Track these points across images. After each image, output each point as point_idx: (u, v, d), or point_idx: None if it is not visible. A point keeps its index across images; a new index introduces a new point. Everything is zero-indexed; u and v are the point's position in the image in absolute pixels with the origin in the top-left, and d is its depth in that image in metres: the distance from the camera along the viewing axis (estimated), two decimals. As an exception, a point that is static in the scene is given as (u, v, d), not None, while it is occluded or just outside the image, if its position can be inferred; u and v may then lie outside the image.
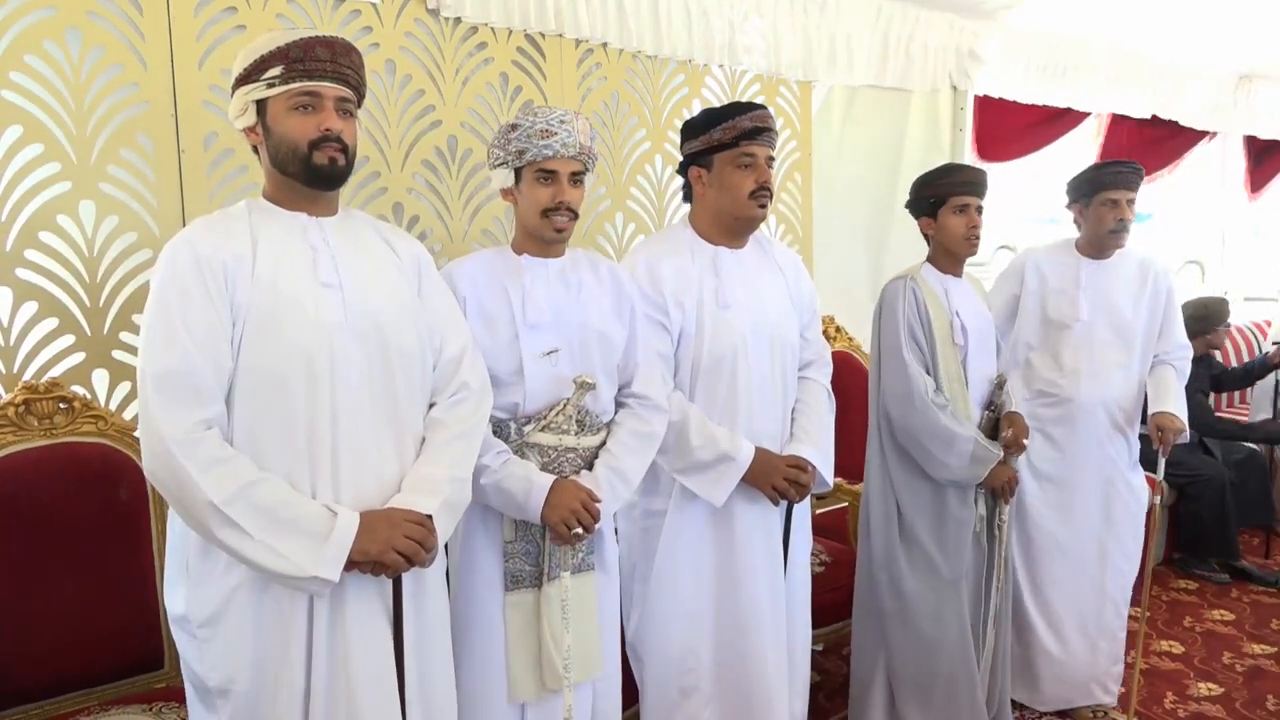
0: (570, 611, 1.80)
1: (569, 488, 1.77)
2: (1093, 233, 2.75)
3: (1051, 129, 4.39)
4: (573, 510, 1.75)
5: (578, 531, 1.75)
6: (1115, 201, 2.67)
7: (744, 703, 2.12)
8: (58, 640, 1.93)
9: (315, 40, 1.52)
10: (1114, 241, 2.73)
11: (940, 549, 2.37)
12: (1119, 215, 2.68)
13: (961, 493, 2.39)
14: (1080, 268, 2.77)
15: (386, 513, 1.51)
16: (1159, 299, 2.80)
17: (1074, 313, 2.74)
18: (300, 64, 1.50)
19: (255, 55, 1.52)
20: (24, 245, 1.99)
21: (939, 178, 2.44)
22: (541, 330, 1.83)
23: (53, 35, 1.98)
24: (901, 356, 2.34)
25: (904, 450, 2.39)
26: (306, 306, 1.51)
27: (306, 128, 1.52)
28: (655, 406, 1.96)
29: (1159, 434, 2.69)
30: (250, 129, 1.57)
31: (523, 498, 1.75)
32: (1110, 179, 2.68)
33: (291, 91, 1.51)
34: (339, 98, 1.55)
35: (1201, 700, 3.05)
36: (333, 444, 1.51)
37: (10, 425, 1.96)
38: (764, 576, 2.13)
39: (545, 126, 1.78)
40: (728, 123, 2.05)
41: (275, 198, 1.60)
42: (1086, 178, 2.73)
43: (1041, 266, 2.82)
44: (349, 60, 1.56)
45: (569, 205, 1.81)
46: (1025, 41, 3.97)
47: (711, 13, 3.00)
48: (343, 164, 1.56)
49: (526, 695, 1.82)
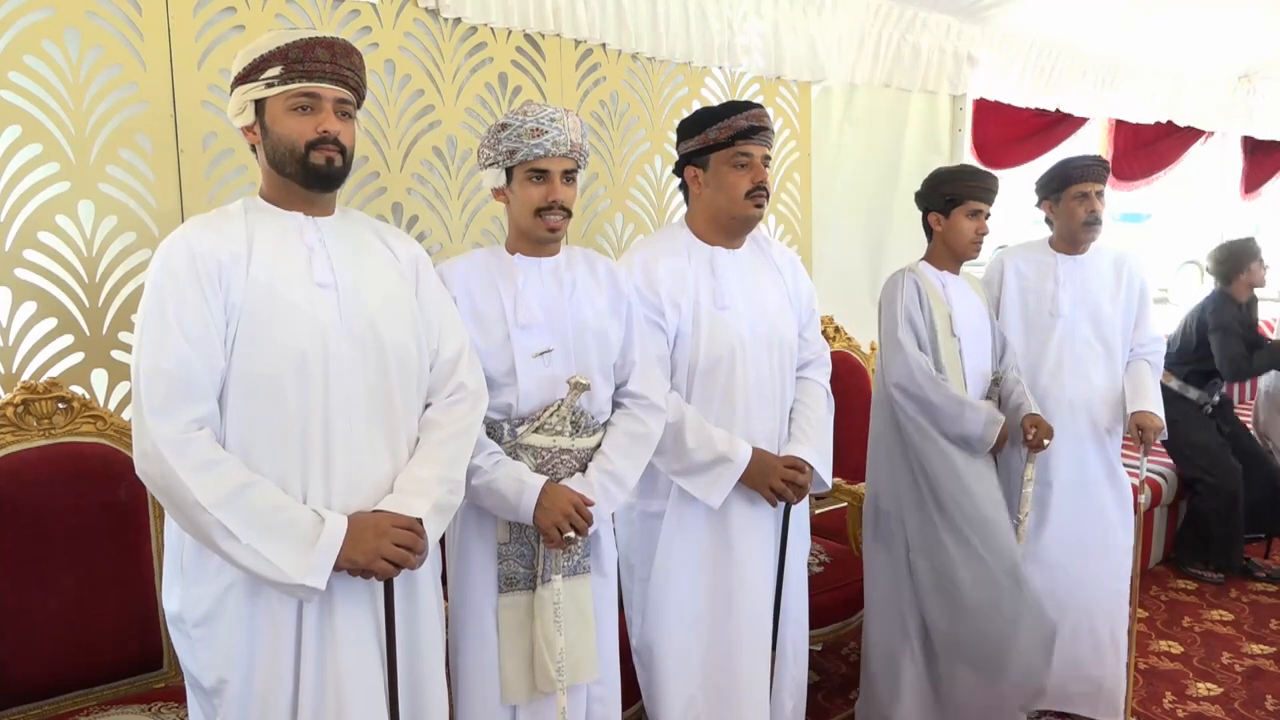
0: (563, 615, 1.79)
1: (561, 491, 1.76)
2: (1065, 227, 2.77)
3: (1053, 135, 4.38)
4: (565, 514, 1.73)
5: (569, 535, 1.74)
6: (1085, 194, 2.70)
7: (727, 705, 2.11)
8: (56, 640, 1.93)
9: (315, 41, 1.52)
10: (1088, 234, 2.75)
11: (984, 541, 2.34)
12: (1089, 208, 2.71)
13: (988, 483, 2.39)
14: (1058, 265, 2.79)
15: (374, 519, 1.50)
16: (1133, 293, 2.82)
17: (1055, 309, 2.75)
18: (300, 65, 1.50)
19: (255, 55, 1.51)
20: (23, 245, 1.99)
21: (961, 178, 2.45)
22: (534, 330, 1.82)
23: (52, 35, 1.98)
24: (896, 338, 2.37)
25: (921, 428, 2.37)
26: (301, 306, 1.51)
27: (304, 128, 1.52)
28: (652, 406, 1.95)
29: (1139, 433, 2.69)
30: (248, 128, 1.57)
31: (515, 499, 1.74)
32: (1078, 173, 2.71)
33: (290, 92, 1.51)
34: (338, 99, 1.55)
35: (1200, 700, 3.05)
36: (326, 444, 1.50)
37: (9, 425, 1.96)
38: (761, 578, 2.13)
39: (536, 125, 1.76)
40: (723, 122, 2.04)
41: (272, 197, 1.60)
42: (1055, 174, 2.76)
43: (1020, 265, 2.83)
44: (349, 61, 1.56)
45: (562, 204, 1.80)
46: (1023, 44, 3.97)
47: (710, 13, 3.00)
48: (340, 165, 1.55)
49: (518, 697, 1.81)
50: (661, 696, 2.11)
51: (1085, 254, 2.80)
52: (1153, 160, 5.02)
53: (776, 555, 2.17)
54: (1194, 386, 4.11)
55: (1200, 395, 4.11)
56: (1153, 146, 4.98)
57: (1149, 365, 2.81)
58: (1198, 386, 4.11)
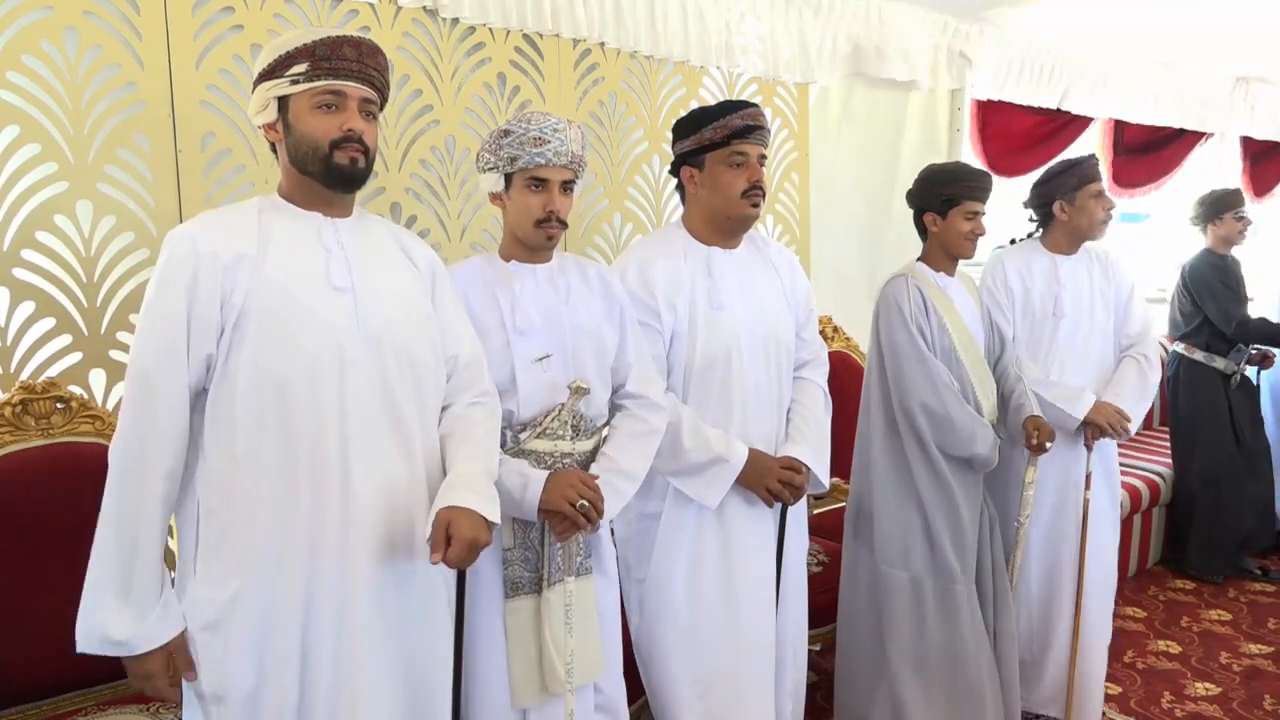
0: (573, 615, 1.80)
1: (561, 474, 1.77)
2: (1081, 226, 2.76)
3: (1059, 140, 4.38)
4: (571, 485, 1.73)
5: (583, 504, 1.72)
6: (1100, 192, 2.73)
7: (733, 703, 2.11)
8: (55, 640, 1.91)
9: (343, 39, 1.51)
10: (1103, 232, 2.78)
11: (958, 552, 2.36)
12: (1106, 205, 2.74)
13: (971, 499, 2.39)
14: (1057, 265, 2.80)
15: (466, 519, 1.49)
16: (1121, 290, 2.85)
17: (1059, 309, 2.76)
18: (326, 62, 1.49)
19: (280, 51, 1.50)
20: (21, 245, 1.99)
21: (958, 179, 2.44)
22: (532, 336, 1.83)
23: (50, 35, 1.98)
24: (919, 349, 2.35)
25: (927, 449, 2.36)
26: (315, 309, 1.49)
27: (329, 127, 1.50)
28: (652, 404, 1.95)
29: (1093, 428, 2.68)
30: (270, 126, 1.54)
31: (519, 493, 1.74)
32: (1093, 172, 2.74)
33: (316, 89, 1.50)
34: (363, 98, 1.54)
35: (1199, 700, 3.05)
36: (340, 448, 1.49)
37: (7, 425, 1.96)
38: (758, 578, 2.13)
39: (538, 134, 1.77)
40: (719, 121, 2.04)
41: (291, 196, 1.58)
42: (1068, 174, 2.76)
43: (1020, 267, 2.82)
44: (375, 62, 1.55)
45: (559, 215, 1.81)
46: (1021, 43, 3.97)
47: (708, 13, 3.00)
48: (363, 165, 1.54)
49: (528, 700, 1.81)
50: (663, 696, 2.12)
51: (1078, 254, 2.82)
52: (1157, 166, 5.03)
53: (774, 555, 2.17)
54: (1219, 355, 3.98)
55: (1227, 364, 3.97)
56: (1157, 153, 5.00)
57: (1135, 363, 2.80)
58: (1222, 355, 3.98)
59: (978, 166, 2.55)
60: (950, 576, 2.36)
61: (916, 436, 2.37)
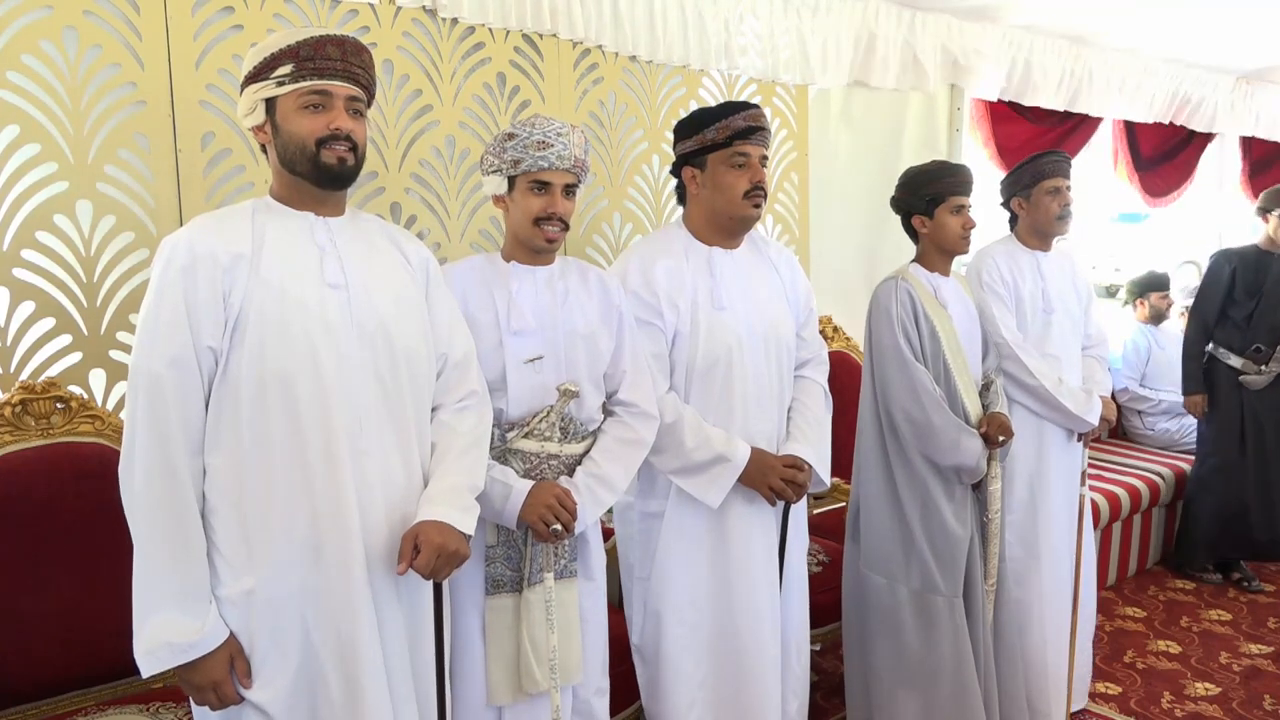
0: (554, 613, 1.80)
1: (544, 486, 1.78)
2: (1038, 222, 2.77)
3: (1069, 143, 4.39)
4: (547, 505, 1.75)
5: (556, 528, 1.75)
6: (1057, 189, 2.73)
7: (737, 702, 2.12)
8: (55, 640, 1.93)
9: (326, 39, 1.52)
10: (1061, 228, 2.78)
11: (938, 561, 2.33)
12: (1062, 201, 2.74)
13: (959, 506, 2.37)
14: (1037, 261, 2.81)
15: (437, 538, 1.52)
16: (1084, 288, 2.89)
17: (1048, 305, 2.77)
18: (310, 62, 1.50)
19: (265, 53, 1.51)
20: (21, 245, 1.99)
21: (938, 176, 2.43)
22: (525, 337, 1.84)
23: (50, 35, 1.98)
24: (902, 355, 2.32)
25: (907, 454, 2.34)
26: (311, 307, 1.50)
27: (315, 126, 1.51)
28: (643, 414, 1.96)
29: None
30: (259, 128, 1.56)
31: (500, 504, 1.76)
32: (1049, 168, 2.73)
33: (301, 90, 1.51)
34: (349, 97, 1.55)
35: (1198, 700, 3.06)
36: (336, 444, 1.50)
37: (7, 425, 1.96)
38: (761, 577, 2.13)
39: (542, 138, 1.78)
40: (721, 122, 2.05)
41: (283, 197, 1.59)
42: (1024, 171, 2.77)
43: (1009, 262, 2.81)
44: (359, 59, 1.56)
45: (561, 216, 1.82)
46: (1020, 42, 3.97)
47: (707, 15, 3.00)
48: (352, 163, 1.55)
49: (503, 699, 1.82)
50: (662, 696, 2.12)
51: (1051, 250, 2.84)
52: (1178, 171, 5.12)
53: (776, 555, 2.17)
54: (1235, 353, 3.88)
55: (1245, 363, 3.84)
56: (1173, 160, 5.05)
57: (1096, 363, 2.88)
58: (1239, 353, 3.87)
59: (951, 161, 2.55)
60: (929, 586, 2.32)
61: (899, 442, 2.35)
